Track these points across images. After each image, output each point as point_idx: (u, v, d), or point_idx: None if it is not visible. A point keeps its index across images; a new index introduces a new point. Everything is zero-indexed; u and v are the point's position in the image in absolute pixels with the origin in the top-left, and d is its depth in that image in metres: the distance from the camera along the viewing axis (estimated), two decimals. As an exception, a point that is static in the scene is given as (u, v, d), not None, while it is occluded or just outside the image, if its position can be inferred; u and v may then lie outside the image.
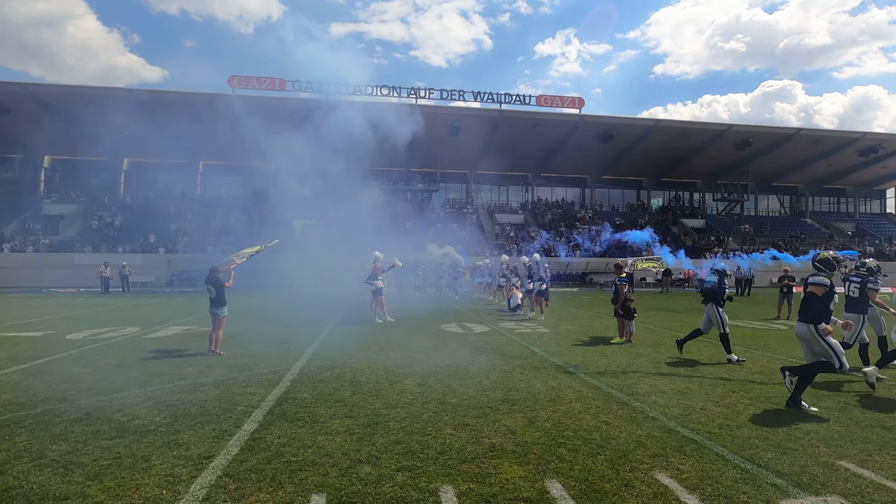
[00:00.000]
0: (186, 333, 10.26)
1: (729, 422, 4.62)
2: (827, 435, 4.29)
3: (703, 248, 38.55)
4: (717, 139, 38.09)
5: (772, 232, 42.90)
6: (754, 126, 38.75)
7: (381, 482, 3.31)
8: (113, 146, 35.78)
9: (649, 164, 42.46)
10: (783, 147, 39.30)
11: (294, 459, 3.68)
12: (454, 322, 12.30)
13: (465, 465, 3.60)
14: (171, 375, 6.42)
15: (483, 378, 6.32)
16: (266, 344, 8.77)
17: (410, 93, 33.76)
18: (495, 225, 39.27)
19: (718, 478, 3.41)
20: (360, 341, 9.24)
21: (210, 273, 8.02)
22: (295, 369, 6.77)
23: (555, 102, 35.55)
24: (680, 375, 6.54)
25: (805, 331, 5.17)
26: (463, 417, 4.70)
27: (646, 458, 3.75)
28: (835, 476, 3.45)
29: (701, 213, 45.66)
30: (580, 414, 4.83)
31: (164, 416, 4.72)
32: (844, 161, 41.74)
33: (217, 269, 8.08)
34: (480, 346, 8.85)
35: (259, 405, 5.08)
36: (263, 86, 32.39)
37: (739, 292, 26.22)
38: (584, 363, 7.34)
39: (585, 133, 36.49)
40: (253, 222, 34.81)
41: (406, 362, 7.30)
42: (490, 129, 36.12)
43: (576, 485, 3.29)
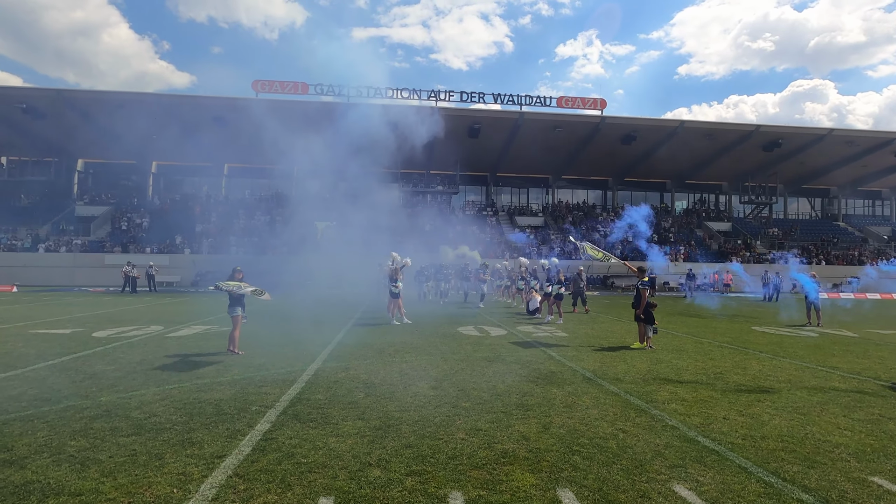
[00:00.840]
0: (207, 333, 10.44)
1: (753, 432, 4.44)
2: (858, 449, 4.08)
3: (729, 251, 37.58)
4: (744, 140, 37.10)
5: (802, 235, 41.56)
6: (783, 126, 37.61)
7: (390, 486, 3.27)
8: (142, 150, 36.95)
9: (673, 165, 41.63)
10: (814, 148, 38.05)
11: (304, 461, 3.67)
12: (471, 325, 12.22)
13: (475, 471, 3.53)
14: (189, 374, 6.52)
15: (498, 382, 6.24)
16: (283, 344, 8.85)
17: (430, 95, 33.84)
18: (515, 227, 39.00)
19: (740, 491, 3.26)
20: (377, 343, 9.25)
21: (231, 274, 8.15)
22: (310, 370, 6.80)
23: (576, 104, 35.16)
24: (702, 383, 6.34)
25: None
26: (476, 422, 4.63)
27: (664, 468, 3.62)
28: (866, 493, 3.27)
29: (727, 215, 44.56)
30: (596, 421, 4.71)
31: (180, 414, 4.78)
32: (880, 162, 40.19)
33: (237, 270, 8.20)
34: (497, 349, 8.76)
35: (273, 405, 5.10)
36: (286, 90, 32.92)
37: (767, 298, 25.41)
38: (603, 368, 7.19)
39: (607, 135, 36.01)
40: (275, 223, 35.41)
41: (421, 365, 7.27)
42: (510, 132, 35.96)
43: (589, 494, 3.19)
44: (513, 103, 34.80)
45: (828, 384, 6.40)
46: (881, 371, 7.28)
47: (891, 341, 10.49)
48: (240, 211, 37.00)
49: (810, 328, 13.14)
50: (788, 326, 13.49)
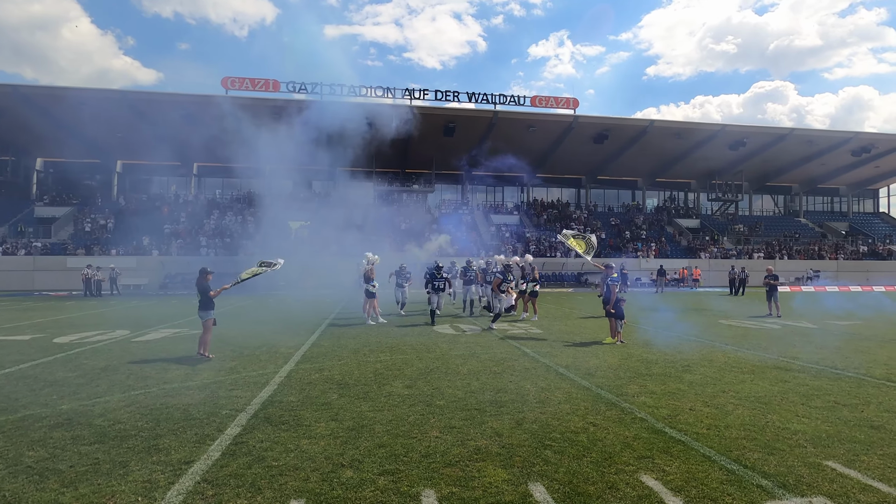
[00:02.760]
0: (176, 336, 10.17)
1: (717, 422, 4.59)
2: (815, 435, 4.27)
3: (697, 248, 38.66)
4: (711, 139, 38.21)
5: (766, 232, 43.06)
6: (747, 126, 38.90)
7: (363, 487, 3.26)
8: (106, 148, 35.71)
9: (644, 164, 42.56)
10: (776, 147, 39.48)
11: (275, 464, 3.62)
12: (447, 324, 12.25)
13: (448, 468, 3.55)
14: (156, 379, 6.34)
15: (472, 380, 6.28)
16: (255, 346, 8.70)
17: (405, 93, 33.68)
18: (491, 226, 39.24)
19: (704, 479, 3.37)
20: (351, 343, 9.18)
21: (199, 275, 7.96)
22: (283, 372, 6.71)
23: (549, 103, 35.58)
24: (670, 376, 6.51)
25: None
26: (450, 420, 4.66)
27: (632, 459, 3.72)
28: (821, 477, 3.42)
29: (696, 213, 45.81)
30: (568, 415, 4.79)
31: (146, 420, 4.65)
32: (837, 161, 41.96)
33: (206, 271, 8.00)
34: (472, 347, 8.81)
35: (244, 409, 5.01)
36: (257, 87, 32.29)
37: (734, 292, 26.27)
38: (575, 364, 7.31)
39: (580, 134, 36.55)
40: (247, 224, 34.71)
41: (396, 364, 7.25)
42: (485, 130, 36.13)
43: (560, 488, 3.25)
44: (487, 102, 34.97)
45: (788, 374, 6.67)
46: (838, 360, 7.61)
47: (846, 332, 10.98)
48: (210, 211, 36.15)
49: (772, 320, 13.65)
50: (753, 318, 13.97)
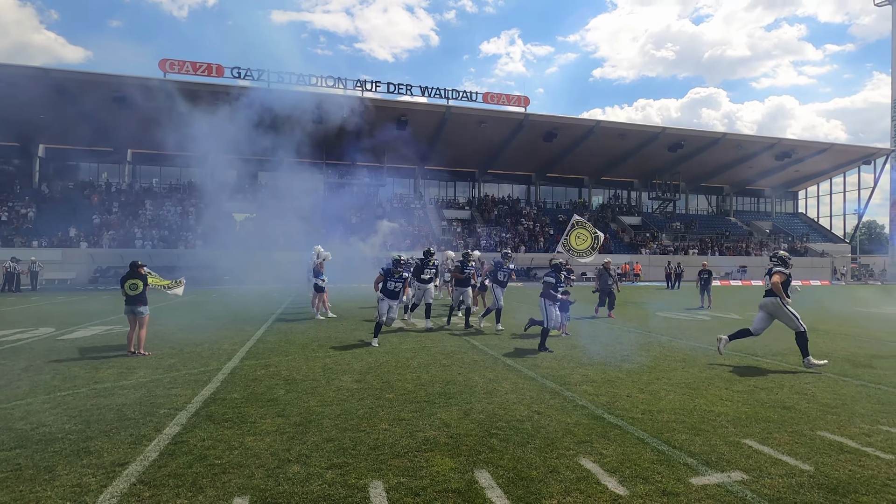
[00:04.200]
0: (108, 334, 9.57)
1: (651, 407, 4.90)
2: (735, 416, 4.64)
3: (639, 244, 40.63)
4: (652, 141, 40.17)
5: (700, 229, 45.86)
6: (685, 130, 41.19)
7: (310, 481, 3.24)
8: (26, 131, 32.76)
9: (590, 163, 44.15)
10: (710, 150, 42.08)
11: (218, 462, 3.52)
12: (398, 318, 12.22)
13: (396, 459, 3.60)
14: (86, 379, 5.96)
15: (422, 373, 6.34)
16: (196, 343, 8.35)
17: (357, 85, 33.11)
18: (443, 221, 39.43)
19: (637, 460, 3.60)
20: (300, 338, 9.00)
21: (132, 268, 7.53)
22: (227, 369, 6.49)
23: (501, 101, 36.11)
24: (610, 365, 6.86)
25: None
26: (399, 412, 4.69)
27: (572, 444, 3.91)
28: (739, 454, 3.74)
29: (638, 210, 48.06)
30: (514, 405, 4.95)
31: (74, 422, 4.37)
32: (763, 164, 45.27)
33: (138, 265, 7.59)
34: (422, 341, 8.87)
35: (184, 407, 4.82)
36: (199, 71, 30.68)
37: (670, 286, 27.83)
38: (522, 355, 7.53)
39: (531, 132, 37.36)
40: (188, 215, 33.02)
41: (345, 359, 7.19)
42: (437, 125, 36.20)
43: (504, 473, 3.37)
44: (440, 97, 35.02)
45: (715, 361, 7.19)
46: (758, 348, 8.28)
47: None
48: (146, 201, 34.07)
49: (704, 312, 14.62)
50: (687, 311, 14.90)
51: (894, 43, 47.58)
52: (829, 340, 9.26)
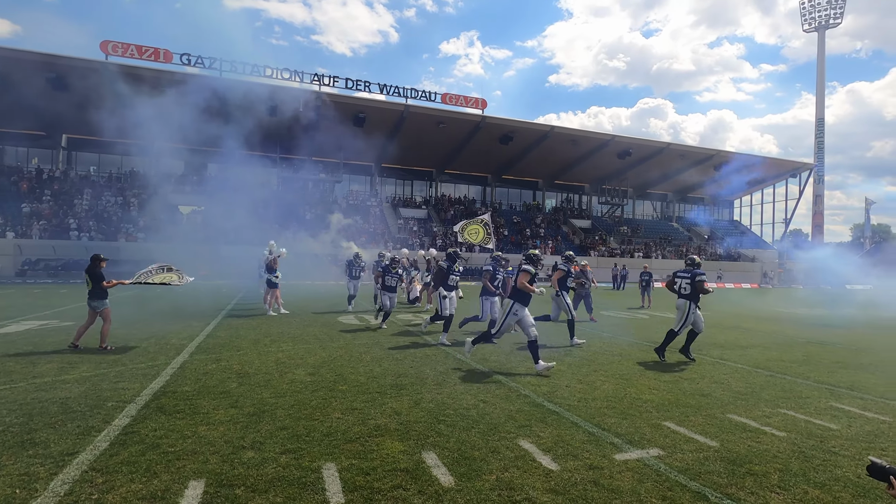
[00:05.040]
0: (44, 329, 9.13)
1: (587, 395, 5.33)
2: (660, 403, 5.15)
3: (588, 246, 42.26)
4: (602, 148, 41.88)
5: (645, 234, 48.22)
6: (633, 138, 43.21)
7: (264, 464, 3.39)
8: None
9: (544, 166, 45.44)
10: (656, 159, 44.36)
11: (171, 450, 3.60)
12: (352, 315, 12.32)
13: (349, 444, 3.80)
14: (23, 374, 5.76)
15: (375, 366, 6.53)
16: (143, 338, 8.15)
17: (314, 79, 32.58)
18: (399, 219, 39.46)
19: (570, 440, 3.98)
20: (251, 334, 8.95)
21: (91, 262, 7.37)
22: (176, 363, 6.42)
23: (459, 102, 36.57)
24: (554, 359, 7.30)
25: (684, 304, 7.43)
26: (352, 402, 4.88)
27: (513, 428, 4.24)
28: (659, 434, 4.20)
29: (588, 214, 49.91)
30: (462, 395, 5.25)
31: (15, 415, 4.28)
32: (703, 174, 48.17)
33: (99, 258, 7.41)
34: (376, 337, 9.04)
35: (133, 400, 4.80)
36: (145, 56, 29.24)
37: (616, 287, 29.19)
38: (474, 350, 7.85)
39: (487, 134, 38.04)
40: (129, 206, 31.42)
41: (298, 354, 7.27)
42: (395, 123, 36.20)
43: (449, 454, 3.65)
44: (398, 95, 35.03)
45: (648, 356, 7.80)
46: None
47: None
48: (83, 190, 32.09)
49: (644, 311, 15.56)
50: (629, 310, 15.80)
51: (819, 67, 51.91)
52: (748, 336, 10.18)
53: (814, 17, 51.49)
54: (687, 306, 7.45)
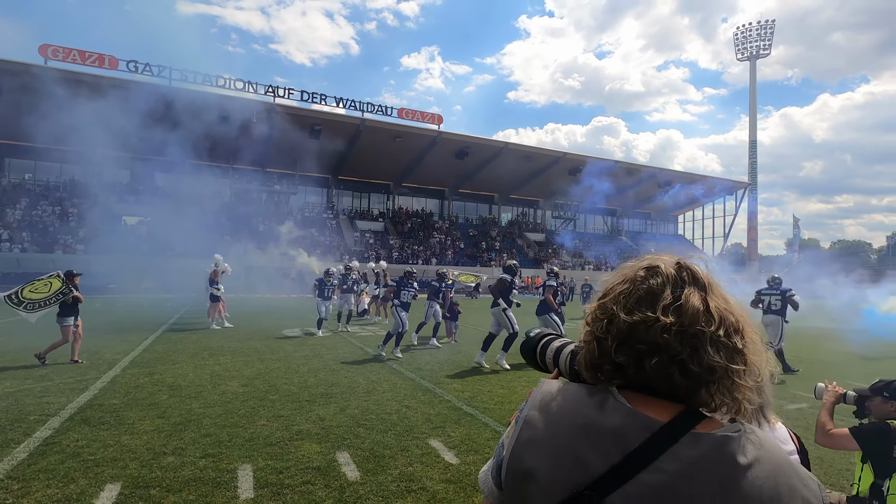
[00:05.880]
0: (-34, 345, 8.77)
1: (504, 399, 5.78)
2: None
3: (542, 259, 43.52)
4: (554, 164, 43.50)
5: (595, 247, 50.15)
6: (583, 155, 45.11)
7: (183, 468, 3.60)
8: None
9: (500, 181, 46.60)
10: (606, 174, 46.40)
11: (91, 458, 3.75)
12: (297, 327, 12.39)
13: (268, 447, 4.06)
14: (-59, 390, 5.64)
15: (310, 377, 6.76)
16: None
17: (268, 90, 32.36)
18: (355, 232, 39.43)
19: (476, 438, 4.39)
20: (190, 347, 8.94)
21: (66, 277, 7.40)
22: (106, 377, 6.43)
23: (416, 117, 37.14)
24: (485, 367, 7.75)
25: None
26: (279, 410, 5.12)
27: (428, 429, 4.61)
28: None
29: (542, 228, 51.44)
30: (388, 401, 5.58)
31: (-70, 431, 4.28)
32: (649, 191, 50.76)
33: (73, 274, 7.46)
34: (317, 349, 9.23)
35: (57, 413, 4.85)
36: (88, 62, 28.23)
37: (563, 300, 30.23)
38: (409, 360, 8.21)
39: (444, 148, 38.79)
40: (68, 217, 30.00)
41: (235, 366, 7.38)
42: (352, 136, 36.33)
43: (361, 453, 3.97)
44: (355, 109, 35.26)
45: (573, 362, 8.37)
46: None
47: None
48: (17, 198, 30.39)
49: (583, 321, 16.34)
50: (571, 320, 16.55)
51: (752, 93, 56.05)
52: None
53: (746, 47, 55.65)
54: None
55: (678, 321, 0.67)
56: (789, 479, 0.62)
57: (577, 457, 0.67)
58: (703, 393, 0.67)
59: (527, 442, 0.72)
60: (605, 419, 0.69)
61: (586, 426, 0.69)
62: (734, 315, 0.70)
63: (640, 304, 0.71)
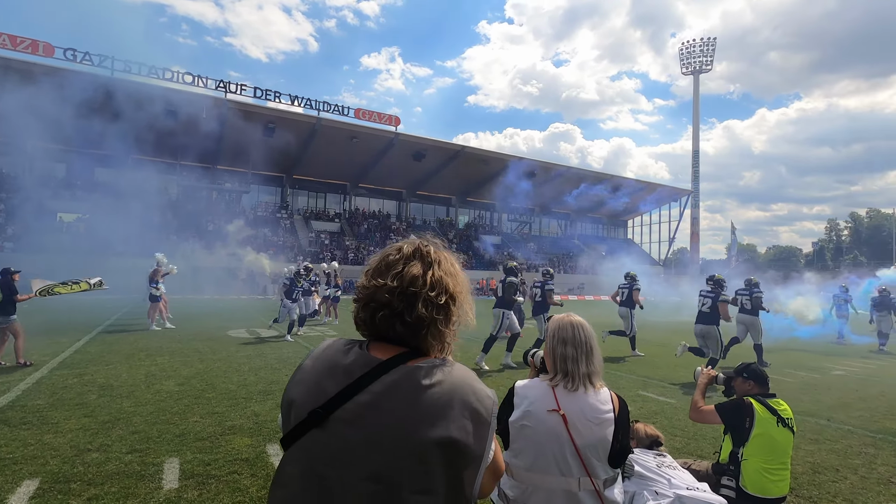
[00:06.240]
0: None
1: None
2: (501, 397, 5.96)
3: (498, 261, 44.32)
4: (509, 168, 44.41)
5: (550, 249, 51.55)
6: (537, 160, 46.34)
7: (107, 463, 3.61)
8: None
9: (457, 184, 47.15)
10: (560, 179, 47.84)
11: (10, 457, 3.68)
12: (243, 328, 12.21)
13: (198, 442, 4.11)
14: None
15: (250, 375, 6.76)
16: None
17: (219, 85, 31.40)
18: (310, 232, 38.83)
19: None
20: (126, 348, 8.68)
21: (2, 275, 6.95)
22: (31, 379, 6.20)
23: (372, 118, 37.02)
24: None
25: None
26: (214, 407, 5.14)
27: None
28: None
29: (498, 230, 52.36)
30: (326, 397, 5.69)
31: None
32: (601, 196, 52.68)
33: (11, 271, 7.03)
34: (261, 349, 9.17)
35: (-26, 415, 4.68)
36: (20, 47, 26.50)
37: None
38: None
39: (401, 150, 38.85)
40: (-5, 212, 28.00)
41: (173, 366, 7.26)
42: (307, 135, 35.80)
43: (292, 445, 4.09)
44: (311, 107, 34.78)
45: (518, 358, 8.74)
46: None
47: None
48: (-64, 192, 28.10)
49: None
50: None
51: (695, 106, 59.31)
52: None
53: (690, 61, 58.88)
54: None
55: (399, 285, 0.92)
56: (465, 395, 0.88)
57: (321, 387, 0.92)
58: (419, 338, 0.93)
59: (295, 380, 0.96)
60: (345, 360, 0.94)
61: (332, 366, 0.94)
62: (452, 283, 0.95)
63: (378, 273, 0.95)
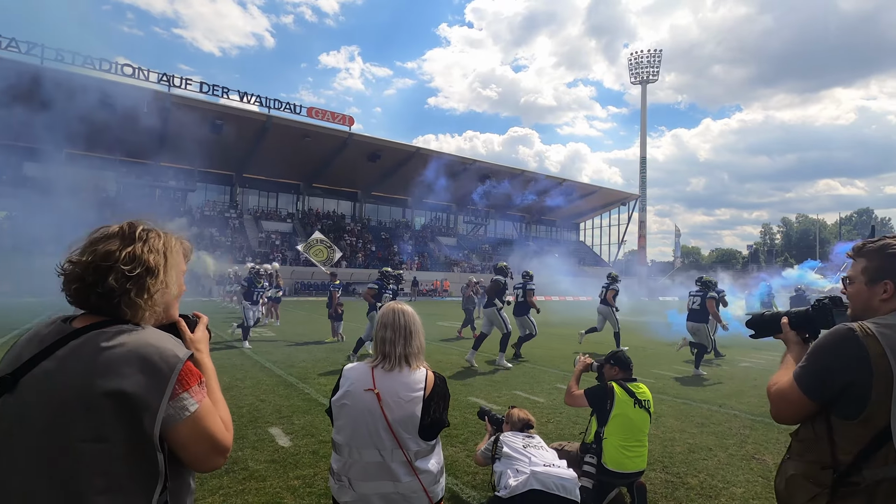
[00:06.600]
0: None
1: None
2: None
3: (453, 263, 44.66)
4: (465, 171, 44.91)
5: (504, 252, 52.40)
6: (493, 164, 47.13)
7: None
8: None
9: (413, 184, 47.07)
10: (513, 182, 48.76)
11: None
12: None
13: None
14: None
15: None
16: None
17: (162, 78, 30.13)
18: (261, 232, 37.85)
19: (318, 425, 4.64)
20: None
21: None
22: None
23: (326, 117, 36.50)
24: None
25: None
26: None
27: (274, 419, 4.78)
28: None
29: (454, 232, 52.77)
30: (246, 396, 5.64)
31: None
32: (555, 199, 54.07)
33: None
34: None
35: None
36: (-64, 30, 24.48)
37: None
38: (285, 359, 8.24)
39: (355, 150, 38.52)
40: None
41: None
42: (258, 133, 34.91)
43: (194, 443, 4.05)
44: (261, 104, 33.93)
45: (459, 361, 8.90)
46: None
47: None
48: None
49: (478, 321, 17.17)
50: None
51: (643, 114, 61.89)
52: (545, 341, 12.02)
53: (638, 72, 61.40)
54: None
55: (92, 260, 1.01)
56: (146, 353, 0.97)
57: (19, 357, 0.99)
58: (113, 307, 1.03)
59: (6, 353, 1.04)
60: (43, 331, 1.02)
61: (31, 337, 1.02)
62: (153, 258, 1.06)
63: (84, 251, 1.04)
